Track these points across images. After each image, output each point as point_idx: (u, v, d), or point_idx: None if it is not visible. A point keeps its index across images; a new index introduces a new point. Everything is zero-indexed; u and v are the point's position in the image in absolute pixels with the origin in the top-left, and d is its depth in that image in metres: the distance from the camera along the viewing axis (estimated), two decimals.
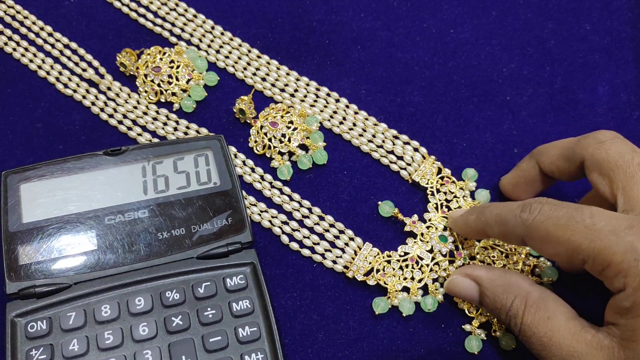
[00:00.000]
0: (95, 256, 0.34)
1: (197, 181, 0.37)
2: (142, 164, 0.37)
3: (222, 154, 0.38)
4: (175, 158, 0.38)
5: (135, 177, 0.37)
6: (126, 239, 0.35)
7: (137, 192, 0.36)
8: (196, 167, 0.38)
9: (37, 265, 0.34)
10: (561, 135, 0.44)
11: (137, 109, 0.43)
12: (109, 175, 0.37)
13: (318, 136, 0.42)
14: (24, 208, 0.35)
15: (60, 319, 0.33)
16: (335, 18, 0.47)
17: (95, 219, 0.35)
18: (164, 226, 0.36)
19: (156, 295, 0.34)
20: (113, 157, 0.37)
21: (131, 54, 0.44)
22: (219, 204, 0.37)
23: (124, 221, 0.35)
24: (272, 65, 0.45)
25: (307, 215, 0.40)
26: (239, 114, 0.42)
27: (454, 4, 0.49)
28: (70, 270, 0.34)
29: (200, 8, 0.47)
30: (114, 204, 0.36)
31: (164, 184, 0.37)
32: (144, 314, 0.33)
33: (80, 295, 0.33)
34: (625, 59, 0.47)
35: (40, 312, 0.33)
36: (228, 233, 0.36)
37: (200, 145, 0.38)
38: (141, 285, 0.34)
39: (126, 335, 0.33)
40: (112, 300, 0.34)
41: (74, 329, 0.33)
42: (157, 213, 0.36)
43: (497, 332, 0.36)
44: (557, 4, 0.49)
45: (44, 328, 0.32)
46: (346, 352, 0.36)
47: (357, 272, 0.38)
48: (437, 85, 0.45)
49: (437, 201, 0.40)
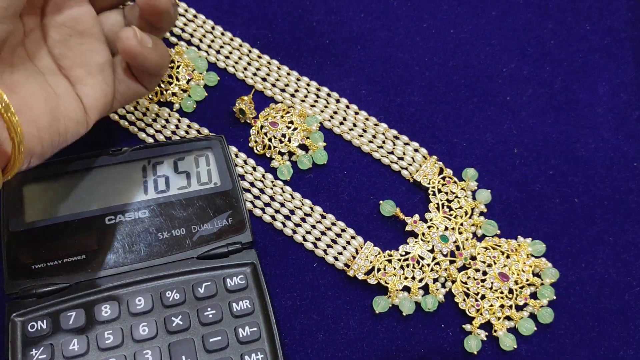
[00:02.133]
0: (95, 256, 0.34)
1: (198, 181, 0.37)
2: (142, 164, 0.37)
3: (222, 154, 0.38)
4: (175, 158, 0.38)
5: (136, 177, 0.37)
6: (126, 239, 0.35)
7: (137, 192, 0.36)
8: (197, 167, 0.38)
9: (37, 265, 0.34)
10: (561, 135, 0.44)
11: (138, 110, 0.43)
12: (110, 175, 0.37)
13: (318, 136, 0.42)
14: (26, 208, 0.35)
15: (60, 318, 0.33)
16: (335, 18, 0.47)
17: (96, 219, 0.35)
18: (164, 226, 0.36)
19: (156, 295, 0.34)
20: (114, 157, 0.37)
21: None
22: (220, 204, 0.37)
23: (124, 221, 0.35)
24: (273, 66, 0.45)
25: (309, 214, 0.40)
26: (239, 114, 0.42)
27: (454, 4, 0.49)
28: (70, 270, 0.34)
29: (200, 8, 0.47)
30: (115, 204, 0.36)
31: (164, 184, 0.37)
32: (144, 314, 0.33)
33: (80, 295, 0.33)
34: (625, 59, 0.47)
35: (41, 312, 0.33)
36: (228, 233, 0.36)
37: (200, 146, 0.39)
38: (141, 285, 0.34)
39: (126, 335, 0.33)
40: (113, 300, 0.34)
41: (74, 329, 0.33)
42: (157, 213, 0.36)
43: (498, 332, 0.36)
44: (557, 4, 0.49)
45: (44, 328, 0.32)
46: (346, 352, 0.36)
47: (358, 270, 0.38)
48: (437, 85, 0.45)
49: (439, 201, 0.40)
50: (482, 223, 0.40)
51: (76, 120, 0.32)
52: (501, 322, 0.37)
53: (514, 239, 0.39)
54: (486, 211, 0.40)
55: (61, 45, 0.33)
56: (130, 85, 0.35)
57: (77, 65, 0.33)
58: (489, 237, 0.39)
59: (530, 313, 0.37)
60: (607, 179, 0.42)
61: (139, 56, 0.33)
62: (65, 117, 0.32)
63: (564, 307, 0.38)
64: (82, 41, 0.33)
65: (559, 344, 0.37)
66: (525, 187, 0.42)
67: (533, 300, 0.37)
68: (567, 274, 0.39)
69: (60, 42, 0.33)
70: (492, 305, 0.37)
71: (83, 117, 0.33)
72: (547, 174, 0.42)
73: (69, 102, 0.32)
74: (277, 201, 0.40)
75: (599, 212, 0.41)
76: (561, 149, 0.43)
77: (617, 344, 0.37)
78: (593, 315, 0.38)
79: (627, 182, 0.42)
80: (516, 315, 0.37)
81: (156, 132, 0.42)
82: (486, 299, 0.37)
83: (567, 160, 0.43)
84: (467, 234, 0.39)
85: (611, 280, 0.39)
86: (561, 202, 0.41)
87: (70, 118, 0.32)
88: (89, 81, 0.33)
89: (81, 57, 0.33)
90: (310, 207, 0.40)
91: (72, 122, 0.32)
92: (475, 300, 0.37)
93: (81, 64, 0.33)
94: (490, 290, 0.37)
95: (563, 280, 0.38)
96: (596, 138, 0.44)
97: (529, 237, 0.40)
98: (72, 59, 0.33)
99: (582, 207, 0.41)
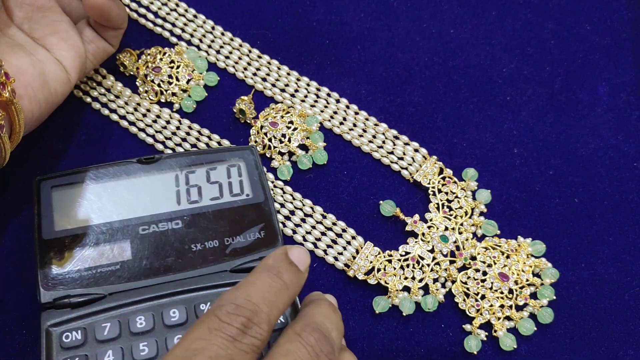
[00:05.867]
0: (129, 266, 0.34)
1: (230, 192, 0.37)
2: (175, 173, 0.37)
3: (254, 165, 0.38)
4: (207, 168, 0.37)
5: (169, 187, 0.36)
6: (160, 249, 0.34)
7: (170, 202, 0.36)
8: (228, 177, 0.37)
9: (71, 274, 0.33)
10: (561, 135, 0.44)
11: (138, 111, 0.43)
12: (143, 184, 0.36)
13: (318, 136, 0.42)
14: (56, 215, 0.34)
15: (95, 329, 0.32)
16: (335, 18, 0.47)
17: (129, 229, 0.35)
18: (197, 238, 0.35)
19: (190, 308, 0.33)
20: (146, 165, 0.37)
21: (131, 54, 0.44)
22: (252, 217, 0.36)
23: (157, 232, 0.35)
24: (273, 66, 0.45)
25: (310, 214, 0.40)
26: (239, 114, 0.42)
27: (454, 4, 0.49)
28: (105, 280, 0.33)
29: (200, 8, 0.47)
30: (148, 213, 0.35)
31: (197, 194, 0.36)
32: (178, 326, 0.33)
33: (115, 306, 0.33)
34: (625, 59, 0.47)
35: (75, 322, 0.32)
36: (261, 246, 0.35)
37: (232, 156, 0.38)
38: (175, 297, 0.33)
39: (161, 347, 0.32)
40: (147, 311, 0.33)
41: (109, 340, 0.32)
42: (190, 224, 0.35)
43: (498, 332, 0.37)
44: (557, 4, 0.49)
45: (78, 338, 0.32)
46: None
47: (358, 271, 0.38)
48: (437, 85, 0.45)
49: (439, 201, 0.40)
50: (482, 223, 0.40)
51: (62, 81, 0.37)
52: (501, 322, 0.37)
53: (514, 239, 0.39)
54: (486, 211, 0.40)
55: (28, 21, 0.37)
56: (98, 43, 0.40)
57: (48, 34, 0.37)
58: (489, 237, 0.39)
59: (530, 313, 0.37)
60: (607, 179, 0.42)
61: (105, 10, 0.38)
62: (52, 78, 0.36)
63: (564, 307, 0.38)
64: (45, 14, 0.38)
65: (559, 344, 0.37)
66: (525, 187, 0.42)
67: (533, 300, 0.37)
68: (567, 274, 0.39)
69: (26, 18, 0.37)
70: (492, 305, 0.37)
71: (66, 76, 0.37)
72: (547, 174, 0.42)
73: (51, 65, 0.36)
74: (277, 202, 0.40)
75: (599, 212, 0.41)
76: (561, 149, 0.43)
77: (617, 344, 0.37)
78: (593, 315, 0.38)
79: (627, 182, 0.42)
80: (516, 315, 0.37)
81: (156, 132, 0.42)
82: (486, 299, 0.37)
83: (567, 160, 0.43)
84: (467, 234, 0.39)
85: (611, 280, 0.39)
86: (561, 202, 0.41)
87: (56, 79, 0.36)
88: (63, 45, 0.38)
89: (49, 27, 0.38)
90: (311, 207, 0.40)
91: (58, 82, 0.36)
92: (475, 300, 0.37)
93: (51, 32, 0.37)
94: (490, 290, 0.37)
95: (563, 280, 0.38)
96: (596, 138, 0.44)
97: (529, 237, 0.40)
98: (42, 30, 0.37)
99: (582, 207, 0.41)
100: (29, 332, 0.35)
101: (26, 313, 0.36)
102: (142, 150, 0.41)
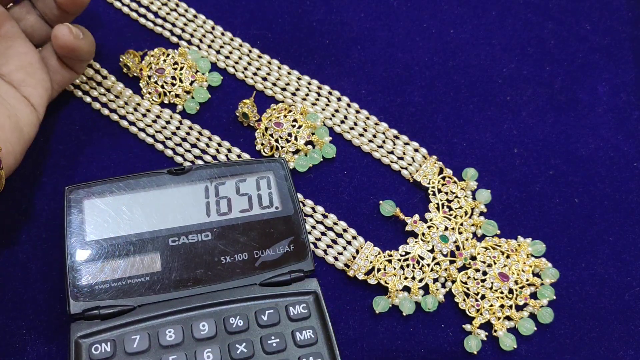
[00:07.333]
0: (159, 278, 0.33)
1: (259, 205, 0.36)
2: (205, 185, 0.37)
3: (283, 178, 0.37)
4: (237, 180, 0.37)
5: (199, 198, 0.36)
6: (190, 261, 0.34)
7: (200, 213, 0.36)
8: (258, 190, 0.37)
9: (101, 285, 0.33)
10: (561, 135, 0.44)
11: (138, 111, 0.43)
12: (173, 195, 0.36)
13: (323, 131, 0.42)
14: (87, 225, 0.34)
15: (124, 341, 0.32)
16: (335, 18, 0.47)
17: (158, 240, 0.34)
18: (227, 250, 0.35)
19: (219, 321, 0.33)
20: (177, 177, 0.36)
21: (134, 56, 0.44)
22: (281, 230, 0.36)
23: (187, 243, 0.35)
24: (273, 65, 0.45)
25: (310, 215, 0.40)
26: (242, 117, 0.42)
27: (454, 4, 0.49)
28: (134, 292, 0.33)
29: (200, 8, 0.47)
30: (178, 224, 0.35)
31: (226, 206, 0.36)
32: (208, 339, 0.33)
33: (144, 318, 0.32)
34: (625, 59, 0.47)
35: (104, 333, 0.32)
36: (290, 260, 0.35)
37: (261, 168, 0.38)
38: (205, 310, 0.33)
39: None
40: (176, 324, 0.33)
41: (138, 353, 0.32)
42: (220, 236, 0.35)
43: (498, 332, 0.37)
44: (557, 4, 0.49)
45: (108, 350, 0.32)
46: (346, 352, 0.36)
47: (358, 271, 0.38)
48: (437, 85, 0.45)
49: (439, 201, 0.40)
50: (482, 223, 0.40)
51: (33, 124, 0.36)
52: (501, 322, 0.37)
53: (514, 239, 0.40)
54: (486, 211, 0.41)
55: None
56: (63, 73, 0.39)
57: (14, 69, 0.36)
58: (489, 237, 0.39)
59: (530, 313, 0.37)
60: (607, 179, 0.42)
61: (75, 49, 0.37)
62: (25, 124, 0.35)
63: (564, 307, 0.38)
64: (9, 44, 0.36)
65: (559, 344, 0.37)
66: (525, 187, 0.42)
67: (533, 300, 0.37)
68: (567, 274, 0.39)
69: None
70: (492, 305, 0.37)
71: (36, 116, 0.36)
72: (547, 174, 0.42)
73: (21, 108, 0.35)
74: None
75: (599, 212, 0.41)
76: (561, 149, 0.43)
77: (617, 344, 0.37)
78: (593, 315, 0.38)
79: (627, 182, 0.42)
80: (516, 315, 0.37)
81: (156, 132, 0.42)
82: (486, 299, 0.37)
83: (567, 160, 0.43)
84: (467, 234, 0.39)
85: (611, 280, 0.39)
86: (561, 202, 0.41)
87: (27, 123, 0.35)
88: (30, 81, 0.36)
89: (14, 60, 0.36)
90: (312, 208, 0.40)
91: (29, 126, 0.36)
92: (475, 300, 0.37)
93: (18, 67, 0.36)
94: (490, 290, 0.37)
95: (563, 280, 0.39)
96: (596, 138, 0.44)
97: (529, 237, 0.40)
98: (8, 65, 0.36)
99: (582, 207, 0.41)
100: (57, 343, 0.35)
101: (54, 324, 0.36)
102: (142, 150, 0.42)
